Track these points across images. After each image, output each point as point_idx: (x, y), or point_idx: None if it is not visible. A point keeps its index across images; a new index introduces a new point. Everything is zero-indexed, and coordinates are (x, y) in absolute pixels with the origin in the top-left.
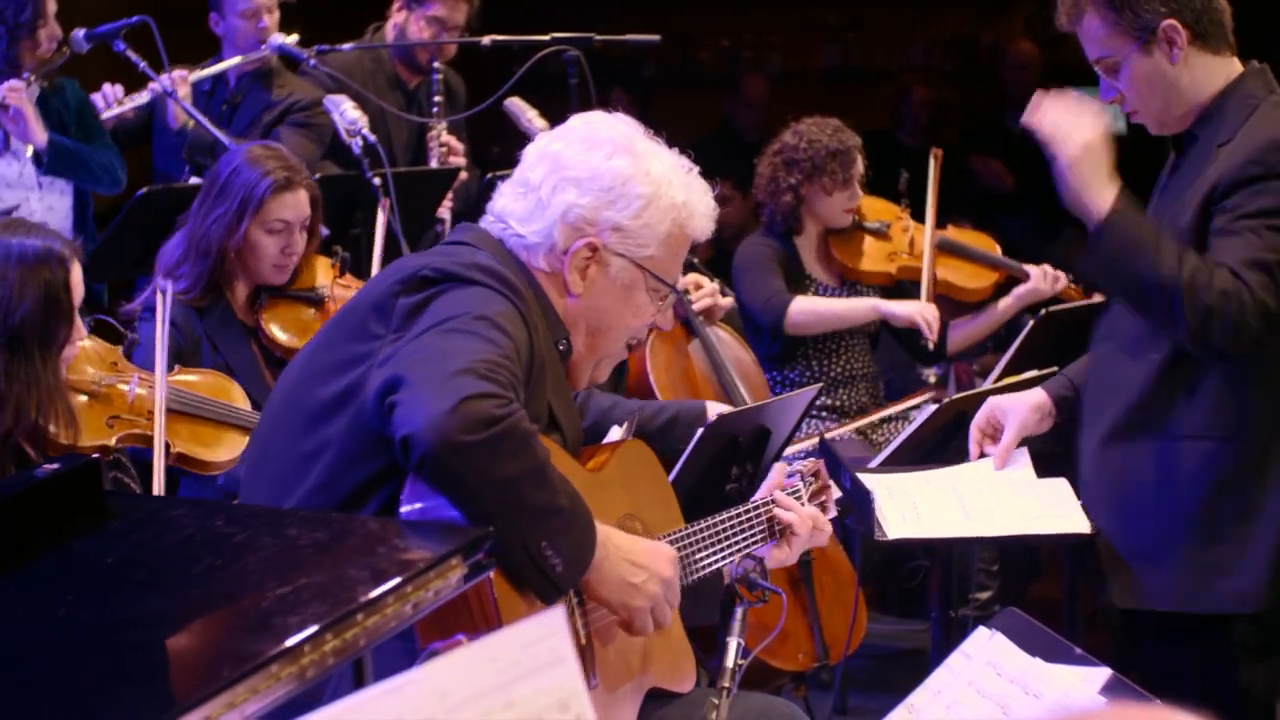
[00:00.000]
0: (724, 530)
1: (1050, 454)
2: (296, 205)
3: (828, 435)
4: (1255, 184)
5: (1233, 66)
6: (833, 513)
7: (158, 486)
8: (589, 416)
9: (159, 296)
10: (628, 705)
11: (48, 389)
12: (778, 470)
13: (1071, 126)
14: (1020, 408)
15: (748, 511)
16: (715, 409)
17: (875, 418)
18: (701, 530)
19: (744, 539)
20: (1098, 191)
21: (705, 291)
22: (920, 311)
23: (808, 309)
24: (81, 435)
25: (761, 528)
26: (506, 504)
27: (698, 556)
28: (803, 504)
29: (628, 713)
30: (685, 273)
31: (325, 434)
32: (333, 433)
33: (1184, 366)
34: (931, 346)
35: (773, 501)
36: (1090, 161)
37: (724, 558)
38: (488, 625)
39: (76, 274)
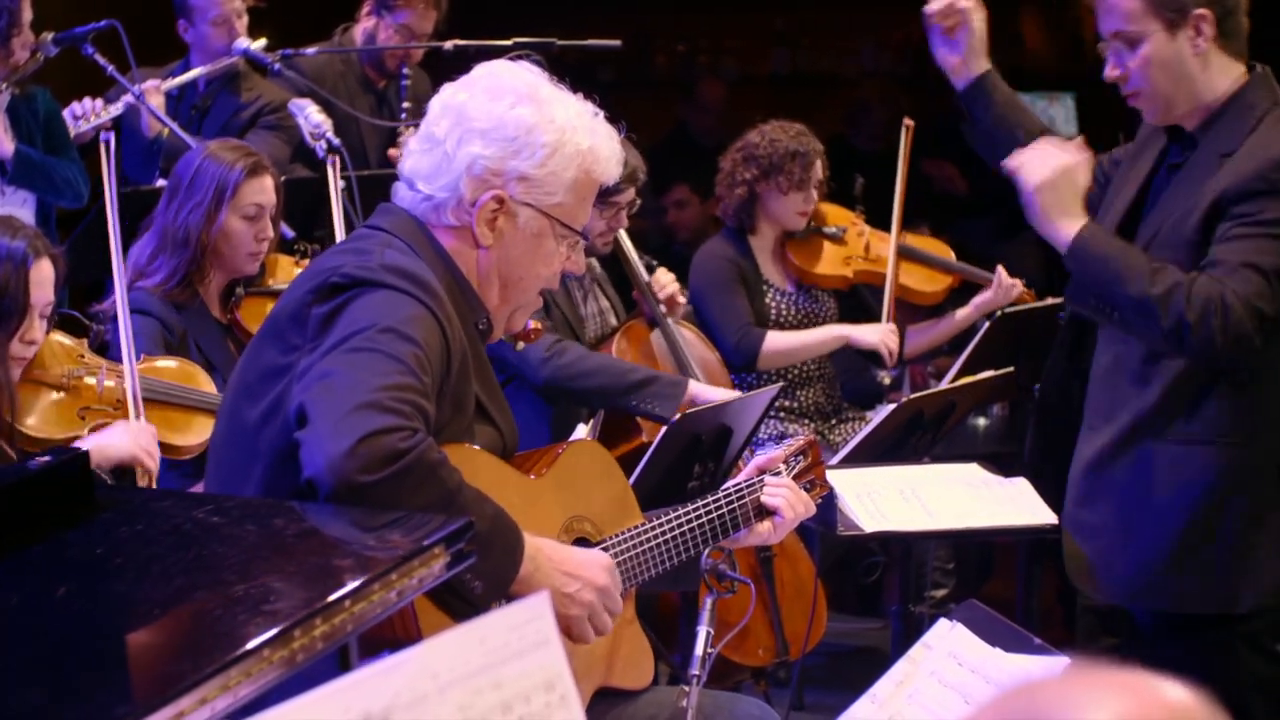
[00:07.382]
0: (689, 520)
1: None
2: (267, 190)
3: (789, 436)
4: (1262, 197)
5: (1240, 71)
6: (826, 489)
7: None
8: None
9: (117, 281)
10: None
11: None
12: (762, 456)
13: (1038, 162)
14: None
15: (718, 499)
16: (696, 385)
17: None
18: (662, 524)
19: (711, 525)
20: (1062, 218)
21: (668, 281)
22: (884, 339)
23: (778, 348)
24: (53, 428)
25: (728, 512)
26: None
27: (659, 549)
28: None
29: None
30: (649, 273)
31: (257, 446)
32: (263, 446)
33: (1196, 373)
34: (889, 369)
35: (759, 484)
36: (1052, 192)
37: (688, 547)
38: (409, 641)
39: (38, 272)
